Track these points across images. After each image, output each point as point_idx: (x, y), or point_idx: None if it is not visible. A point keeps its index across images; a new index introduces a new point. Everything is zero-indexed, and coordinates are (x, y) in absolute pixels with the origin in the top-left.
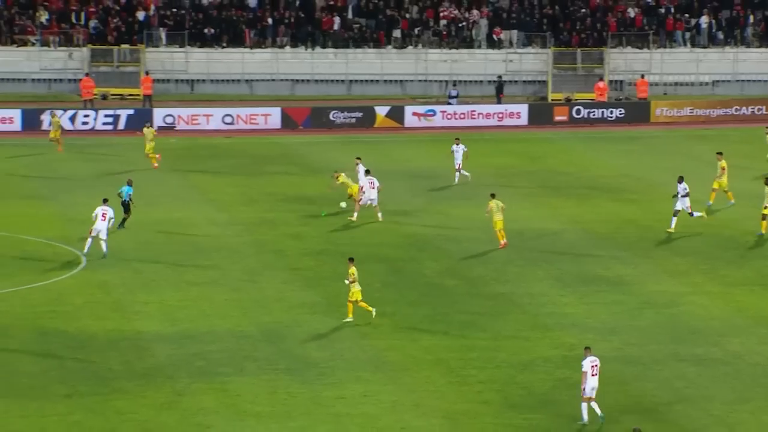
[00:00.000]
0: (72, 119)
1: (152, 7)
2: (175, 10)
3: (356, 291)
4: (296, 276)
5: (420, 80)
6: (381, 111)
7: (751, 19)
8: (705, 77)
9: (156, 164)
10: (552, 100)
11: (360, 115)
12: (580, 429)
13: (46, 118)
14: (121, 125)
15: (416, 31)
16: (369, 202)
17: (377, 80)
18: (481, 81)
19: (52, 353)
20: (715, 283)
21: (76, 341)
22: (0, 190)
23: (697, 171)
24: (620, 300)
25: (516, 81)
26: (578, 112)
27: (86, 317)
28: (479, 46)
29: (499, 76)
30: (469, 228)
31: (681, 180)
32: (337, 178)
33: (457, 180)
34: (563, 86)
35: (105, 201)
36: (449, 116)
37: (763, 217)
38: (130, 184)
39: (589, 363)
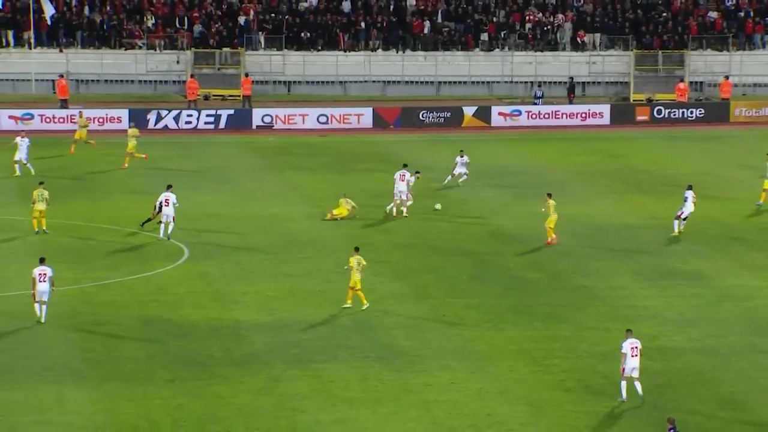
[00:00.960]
0: (176, 119)
1: (252, 12)
2: (273, 15)
3: (356, 279)
4: (385, 268)
5: (506, 81)
6: (468, 111)
7: None
8: None
9: (126, 165)
10: (634, 100)
11: (448, 114)
12: (618, 405)
13: (152, 116)
14: (222, 124)
15: (503, 34)
16: (399, 195)
17: (465, 82)
18: (565, 82)
19: (156, 340)
20: None
21: (178, 329)
22: (107, 186)
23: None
24: (699, 293)
25: (599, 82)
26: (659, 112)
27: (188, 306)
28: (563, 49)
29: (571, 77)
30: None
31: (690, 188)
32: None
33: (446, 181)
34: (645, 87)
35: (169, 187)
36: (534, 116)
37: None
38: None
39: (629, 345)
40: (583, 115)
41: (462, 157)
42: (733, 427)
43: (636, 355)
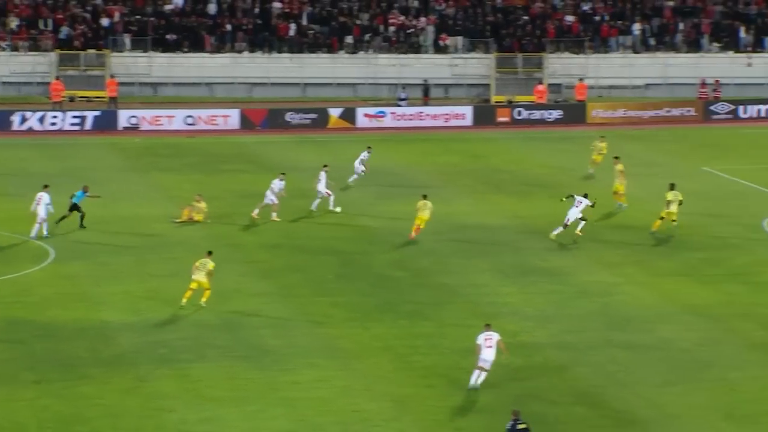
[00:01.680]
0: (41, 120)
1: (117, 14)
2: (138, 17)
3: (200, 281)
4: (252, 268)
5: (370, 83)
6: (334, 112)
7: (681, 26)
8: (637, 80)
9: None
10: (495, 102)
11: (314, 116)
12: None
13: (16, 118)
14: (88, 126)
15: (367, 37)
16: (270, 199)
17: (330, 83)
18: (433, 84)
19: (20, 341)
20: (645, 273)
21: (44, 330)
22: None
23: (629, 170)
24: (557, 290)
25: (461, 84)
26: (519, 113)
27: (54, 307)
28: (426, 52)
29: (425, 80)
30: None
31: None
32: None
33: (351, 180)
34: (505, 89)
35: (45, 187)
36: (398, 117)
37: (661, 218)
38: (85, 191)
39: (483, 337)
40: (446, 116)
41: (368, 152)
42: (590, 420)
43: (491, 347)
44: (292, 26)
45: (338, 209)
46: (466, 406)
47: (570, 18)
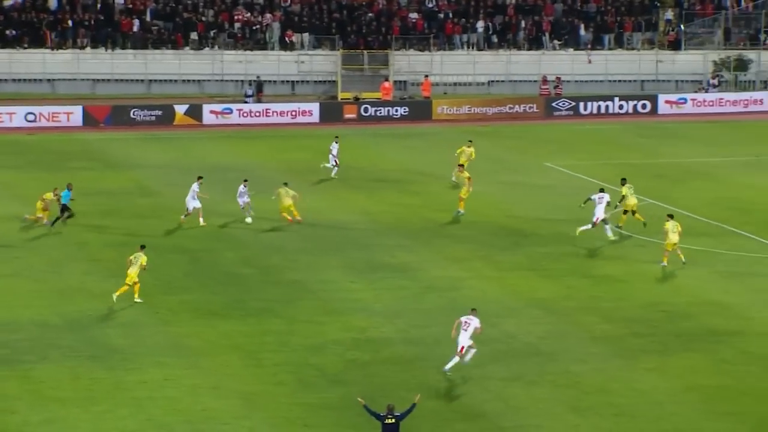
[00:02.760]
0: None
1: None
2: None
3: (132, 274)
4: (98, 267)
5: (216, 80)
6: (180, 109)
7: (523, 24)
8: (481, 77)
9: None
10: (341, 99)
11: (159, 113)
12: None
13: None
14: None
15: (212, 33)
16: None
17: (176, 80)
18: (274, 81)
19: None
20: (491, 268)
21: None
22: None
23: (474, 165)
24: (405, 285)
25: (308, 81)
26: (366, 110)
27: None
28: (272, 48)
29: (258, 76)
30: (264, 219)
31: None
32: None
33: (334, 173)
34: (352, 86)
35: None
36: (245, 114)
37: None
38: (69, 188)
39: (463, 319)
40: (293, 113)
41: (336, 142)
42: (440, 414)
43: (465, 330)
44: (136, 22)
45: (202, 221)
46: (316, 403)
47: (414, 15)
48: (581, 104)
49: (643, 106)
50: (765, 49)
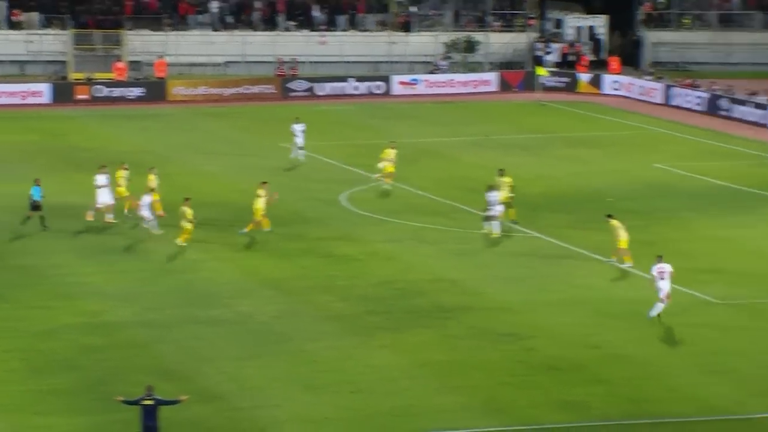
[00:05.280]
0: None
1: None
2: None
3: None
4: None
5: None
6: None
7: (257, 4)
8: (217, 58)
9: None
10: (73, 79)
11: None
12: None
13: None
14: None
15: None
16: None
17: None
18: (2, 61)
19: None
20: (228, 249)
21: None
22: None
23: (211, 146)
24: (141, 268)
25: (38, 61)
26: (99, 91)
27: None
28: (0, 28)
29: None
30: None
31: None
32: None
33: (302, 158)
34: (84, 66)
35: None
36: None
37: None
38: (38, 184)
39: (657, 269)
40: (23, 94)
41: (298, 123)
42: (175, 396)
43: (663, 278)
44: None
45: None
46: (47, 389)
47: None
48: (317, 85)
49: (378, 87)
50: (493, 31)
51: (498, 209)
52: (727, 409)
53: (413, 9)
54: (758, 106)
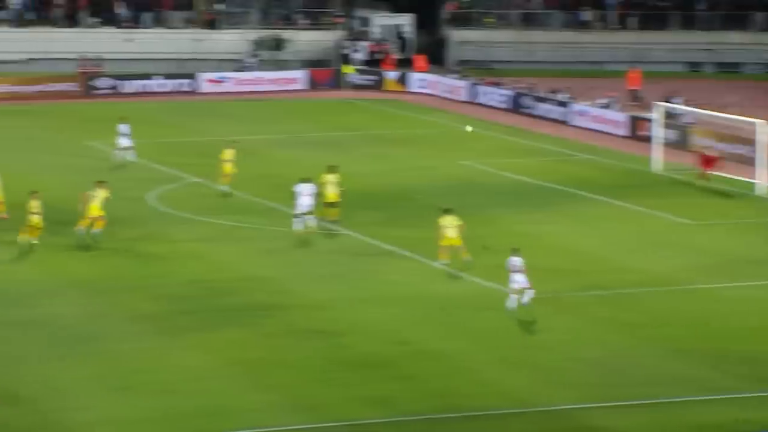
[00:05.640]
0: None
1: None
2: None
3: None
4: None
5: None
6: None
7: (58, 0)
8: (19, 55)
9: None
10: None
11: None
12: None
13: None
14: None
15: None
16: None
17: None
18: None
19: None
20: (36, 250)
21: None
22: None
23: (13, 145)
24: None
25: None
26: None
27: None
28: None
29: None
30: None
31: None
32: None
33: (131, 158)
34: None
35: None
36: None
37: None
38: None
39: (511, 263)
40: None
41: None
42: None
43: (516, 271)
44: None
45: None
46: None
47: None
48: (123, 83)
49: (185, 85)
50: (300, 29)
51: (307, 205)
52: (530, 402)
53: (220, 6)
54: (560, 103)
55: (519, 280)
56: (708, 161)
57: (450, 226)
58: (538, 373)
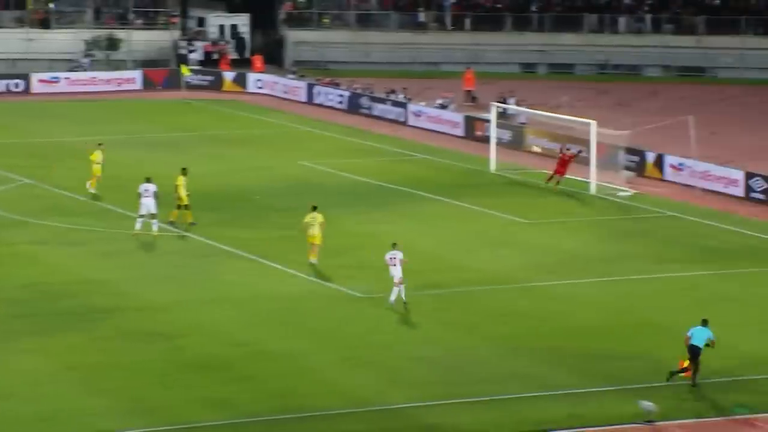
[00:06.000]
0: None
1: None
2: None
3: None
4: None
5: None
6: None
7: None
8: None
9: None
10: None
11: None
12: None
13: None
14: None
15: None
16: None
17: None
18: None
19: None
20: None
21: None
22: None
23: None
24: None
25: None
26: None
27: None
28: None
29: None
30: None
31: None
32: None
33: None
34: None
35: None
36: None
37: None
38: None
39: (389, 256)
40: None
41: None
42: None
43: (395, 265)
44: None
45: None
46: None
47: None
48: None
49: (16, 85)
50: (135, 29)
51: (151, 206)
52: (370, 401)
53: (52, 6)
54: (396, 104)
55: (395, 273)
56: (564, 163)
57: (313, 224)
58: (379, 372)
